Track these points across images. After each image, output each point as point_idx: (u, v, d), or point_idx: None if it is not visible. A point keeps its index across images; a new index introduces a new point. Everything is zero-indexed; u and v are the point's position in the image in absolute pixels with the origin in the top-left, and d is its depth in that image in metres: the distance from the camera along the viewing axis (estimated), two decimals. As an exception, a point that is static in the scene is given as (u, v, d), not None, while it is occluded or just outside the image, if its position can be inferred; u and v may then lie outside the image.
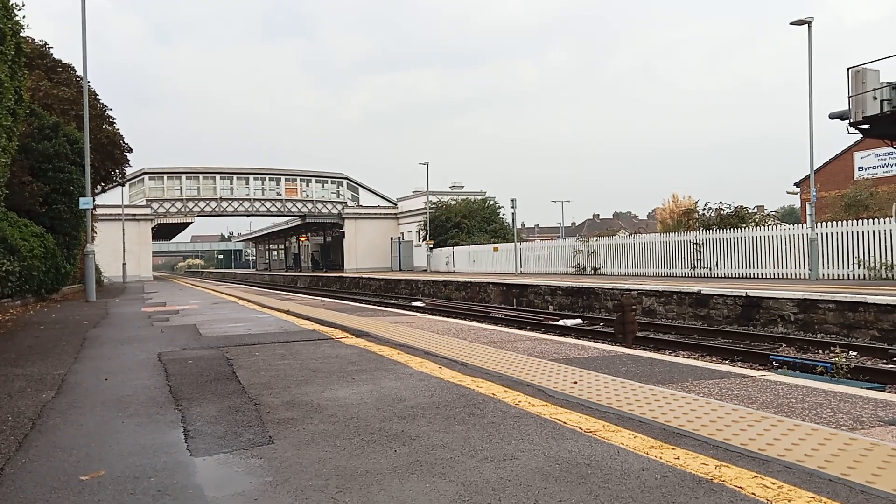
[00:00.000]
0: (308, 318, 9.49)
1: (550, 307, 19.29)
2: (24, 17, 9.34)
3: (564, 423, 3.21)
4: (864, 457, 2.58)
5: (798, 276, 19.01)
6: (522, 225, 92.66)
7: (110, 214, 41.05)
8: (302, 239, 71.10)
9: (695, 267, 22.50)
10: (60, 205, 17.38)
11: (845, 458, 2.56)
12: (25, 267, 13.38)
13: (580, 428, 3.10)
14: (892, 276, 16.50)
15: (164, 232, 60.60)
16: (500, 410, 3.49)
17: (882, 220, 17.32)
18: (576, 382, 4.19)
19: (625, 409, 3.42)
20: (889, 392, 6.22)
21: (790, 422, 3.14)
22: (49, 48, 22.24)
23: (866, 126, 17.24)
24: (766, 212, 30.89)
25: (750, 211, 25.25)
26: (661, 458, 2.63)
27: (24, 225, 14.75)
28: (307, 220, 54.38)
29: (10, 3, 8.77)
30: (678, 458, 2.62)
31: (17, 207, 15.02)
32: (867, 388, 5.03)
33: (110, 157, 23.93)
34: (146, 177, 46.99)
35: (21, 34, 9.47)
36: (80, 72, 20.63)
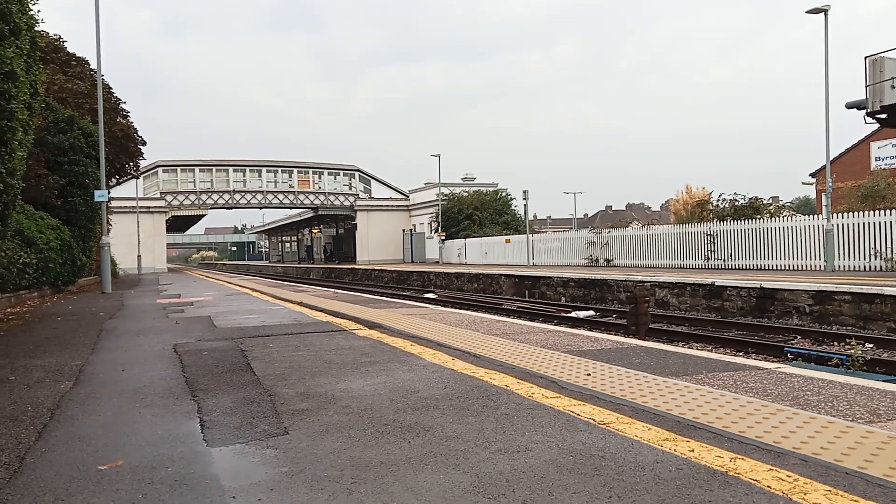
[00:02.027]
0: (321, 310, 9.54)
1: (563, 299, 19.26)
2: (38, 11, 9.40)
3: (578, 415, 3.20)
4: (882, 450, 2.56)
5: (813, 268, 18.85)
6: (534, 216, 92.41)
7: (125, 207, 41.39)
8: (314, 231, 71.36)
9: (709, 258, 22.35)
10: (76, 197, 17.54)
11: (862, 452, 2.54)
12: (42, 259, 13.53)
13: (594, 420, 3.10)
14: (910, 267, 16.31)
15: (177, 224, 61.05)
16: (513, 402, 3.50)
17: (899, 210, 17.10)
18: (589, 374, 4.19)
19: (638, 402, 3.41)
20: (906, 385, 6.16)
21: (806, 414, 3.12)
22: (63, 42, 22.39)
23: (884, 115, 17.01)
24: (781, 203, 30.57)
25: (765, 202, 25.05)
26: (675, 450, 2.63)
27: (41, 217, 14.90)
28: (319, 213, 54.53)
29: (25, -2, 8.82)
30: (693, 451, 2.61)
31: (33, 200, 15.17)
32: (884, 381, 4.99)
33: (124, 150, 24.11)
34: (160, 169, 47.30)
35: (36, 28, 9.53)
36: (93, 65, 20.76)
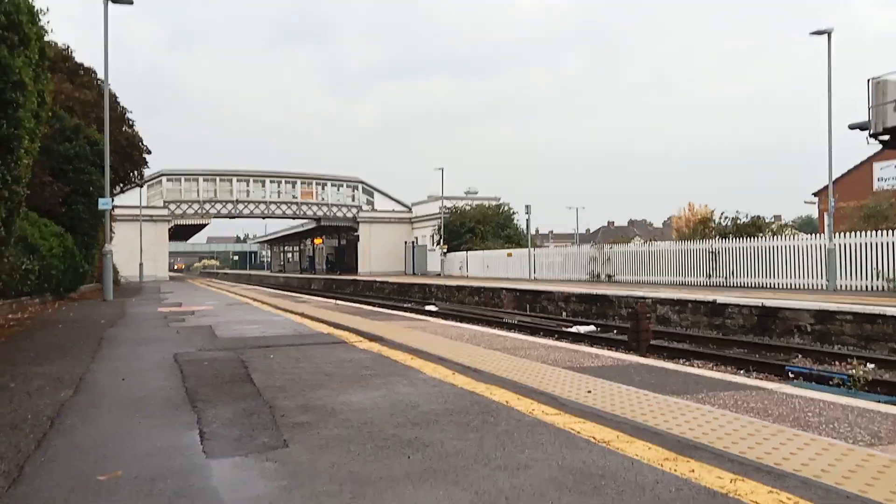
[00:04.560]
0: (322, 321, 9.53)
1: (564, 314, 19.23)
2: (48, 21, 9.48)
3: (578, 432, 3.20)
4: (882, 473, 2.55)
5: (815, 287, 18.81)
6: (536, 231, 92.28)
7: (128, 215, 41.42)
8: (317, 241, 71.42)
9: (710, 276, 22.33)
10: (80, 205, 17.58)
11: (863, 475, 2.53)
12: (45, 266, 13.55)
13: (594, 438, 3.09)
14: (912, 288, 16.27)
15: (180, 233, 61.16)
16: (513, 418, 3.49)
17: (902, 231, 17.09)
18: (589, 391, 4.18)
19: (639, 420, 3.41)
20: (908, 407, 6.13)
21: (807, 436, 3.11)
22: (71, 52, 22.55)
23: (886, 137, 17.07)
24: (783, 221, 30.62)
25: (767, 220, 25.06)
26: (675, 470, 2.62)
27: (44, 224, 14.93)
28: (322, 224, 54.63)
29: (36, 9, 8.91)
30: (693, 471, 2.60)
31: (37, 207, 15.20)
32: (885, 403, 4.97)
33: (129, 158, 24.20)
34: (164, 178, 47.46)
35: (45, 39, 9.60)
36: (101, 75, 20.88)
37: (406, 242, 52.83)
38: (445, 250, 44.35)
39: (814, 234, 21.29)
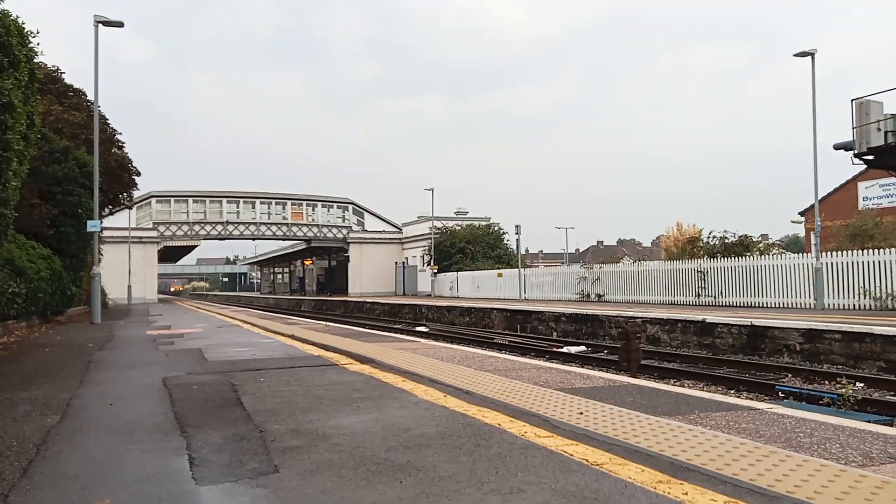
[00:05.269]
0: (313, 343, 9.48)
1: (554, 334, 19.22)
2: (38, 43, 9.52)
3: (571, 455, 3.19)
4: (875, 495, 2.55)
5: (803, 306, 18.93)
6: (526, 251, 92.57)
7: (117, 237, 41.18)
8: (307, 263, 71.22)
9: (699, 295, 22.43)
10: (68, 227, 17.47)
11: (856, 497, 2.53)
12: (32, 289, 13.42)
13: (587, 460, 3.08)
14: (899, 306, 16.39)
15: (169, 254, 60.82)
16: (506, 441, 3.47)
17: (887, 250, 17.28)
18: (581, 413, 4.17)
19: (631, 442, 3.40)
20: (898, 425, 6.16)
21: (799, 457, 3.11)
22: (61, 73, 22.54)
23: (870, 157, 17.31)
24: (770, 240, 30.84)
25: (754, 239, 25.24)
26: (669, 493, 2.61)
27: (32, 247, 14.82)
28: (312, 245, 54.53)
29: (26, 31, 8.94)
30: (686, 494, 2.60)
31: (25, 230, 15.10)
32: (875, 422, 5.00)
33: (118, 180, 24.12)
34: (153, 200, 47.30)
35: (35, 60, 9.62)
36: (90, 97, 20.90)
37: (396, 263, 52.80)
38: (436, 271, 44.35)
39: (801, 253, 21.47)
